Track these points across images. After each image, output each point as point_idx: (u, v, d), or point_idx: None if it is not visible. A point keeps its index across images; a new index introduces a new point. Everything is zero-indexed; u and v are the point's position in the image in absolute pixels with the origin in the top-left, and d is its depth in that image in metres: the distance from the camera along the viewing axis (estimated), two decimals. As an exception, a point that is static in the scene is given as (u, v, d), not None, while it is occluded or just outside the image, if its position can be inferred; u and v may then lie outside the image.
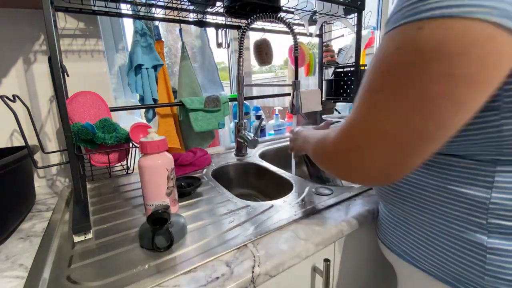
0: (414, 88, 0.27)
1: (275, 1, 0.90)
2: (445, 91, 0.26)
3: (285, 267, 0.44)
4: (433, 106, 0.27)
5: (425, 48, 0.26)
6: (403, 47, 0.28)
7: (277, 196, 0.65)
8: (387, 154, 0.31)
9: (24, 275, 0.42)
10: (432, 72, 0.26)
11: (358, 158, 0.33)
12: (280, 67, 3.44)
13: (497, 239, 0.33)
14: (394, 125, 0.29)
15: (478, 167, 0.34)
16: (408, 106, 0.28)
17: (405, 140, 0.30)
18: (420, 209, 0.40)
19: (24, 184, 0.60)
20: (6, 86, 0.71)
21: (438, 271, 0.40)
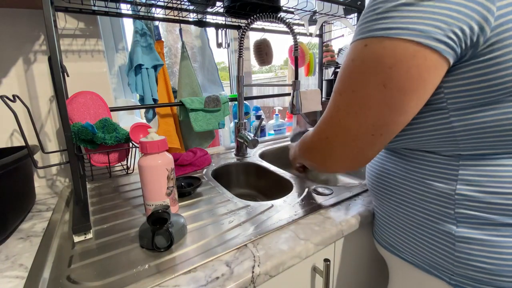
0: (361, 94, 0.35)
1: (275, 1, 0.90)
2: (382, 98, 0.34)
3: (285, 267, 0.44)
4: (375, 109, 0.35)
5: (367, 62, 0.34)
6: (355, 59, 0.36)
7: (277, 196, 0.65)
8: (349, 144, 0.39)
9: (24, 275, 0.42)
10: (372, 82, 0.34)
11: (328, 147, 0.42)
12: (280, 67, 3.44)
13: (465, 228, 0.37)
14: (350, 122, 0.37)
15: (445, 161, 0.39)
16: (358, 108, 0.36)
17: (359, 133, 0.37)
18: (402, 203, 0.44)
19: (24, 184, 0.60)
20: (6, 86, 0.71)
21: (418, 259, 0.44)
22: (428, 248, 0.42)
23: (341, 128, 0.39)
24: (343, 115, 0.38)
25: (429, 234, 0.41)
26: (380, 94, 0.34)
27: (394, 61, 0.32)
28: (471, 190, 0.36)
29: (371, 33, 0.33)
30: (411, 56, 0.31)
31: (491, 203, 0.35)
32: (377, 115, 0.35)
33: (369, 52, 0.34)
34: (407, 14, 0.31)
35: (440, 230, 0.40)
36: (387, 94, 0.34)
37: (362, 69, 0.35)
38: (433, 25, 0.30)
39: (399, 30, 0.31)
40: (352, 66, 0.36)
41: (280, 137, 1.23)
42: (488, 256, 0.36)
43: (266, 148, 1.06)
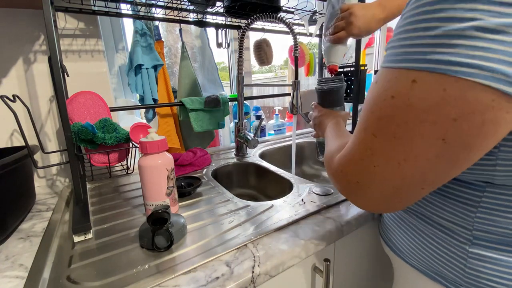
0: (408, 144, 0.27)
1: (275, 1, 0.90)
2: (439, 153, 0.26)
3: (285, 267, 0.44)
4: (427, 164, 0.27)
5: (418, 107, 0.25)
6: (397, 98, 0.26)
7: (277, 196, 0.65)
8: (385, 193, 0.32)
9: (24, 275, 0.42)
10: (425, 133, 0.26)
11: (358, 191, 0.34)
12: (280, 67, 3.44)
13: (480, 246, 0.35)
14: (389, 172, 0.29)
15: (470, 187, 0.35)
16: (402, 159, 0.28)
17: (403, 185, 0.30)
18: (416, 212, 0.43)
19: (24, 184, 0.60)
20: (6, 86, 0.71)
21: (425, 268, 0.42)
22: (438, 260, 0.40)
23: (377, 177, 0.31)
24: (379, 162, 0.30)
25: (442, 246, 0.39)
26: (436, 149, 0.26)
27: (461, 111, 0.23)
28: (493, 215, 0.34)
29: (424, 65, 0.24)
30: (487, 108, 0.23)
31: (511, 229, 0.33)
32: (429, 171, 0.27)
33: (421, 92, 0.25)
34: (483, 44, 0.22)
35: (454, 244, 0.37)
36: (448, 150, 0.25)
37: (410, 114, 0.26)
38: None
39: (470, 69, 0.22)
40: (393, 105, 0.27)
41: (280, 137, 1.23)
42: (501, 276, 0.34)
43: (266, 148, 1.06)
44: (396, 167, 0.28)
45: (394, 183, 0.30)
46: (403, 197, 0.31)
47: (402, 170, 0.28)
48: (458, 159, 0.26)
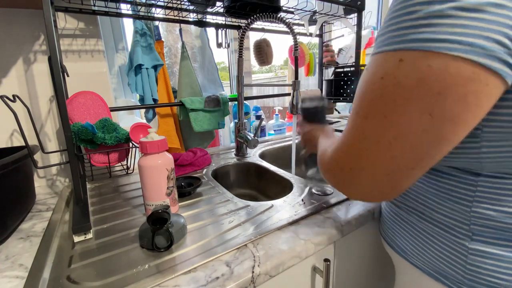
0: (397, 122, 0.28)
1: (275, 1, 0.90)
2: (427, 128, 0.27)
3: (285, 267, 0.44)
4: (417, 141, 0.28)
5: (405, 84, 0.26)
6: (385, 78, 0.28)
7: (277, 196, 0.65)
8: (379, 178, 0.32)
9: (24, 275, 0.42)
10: (414, 109, 0.27)
11: (352, 179, 0.34)
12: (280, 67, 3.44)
13: (480, 242, 0.35)
14: (381, 153, 0.30)
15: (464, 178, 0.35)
16: (392, 138, 0.29)
17: (393, 167, 0.30)
18: (416, 210, 0.43)
19: (24, 184, 0.60)
20: (6, 86, 0.71)
21: (427, 266, 0.42)
22: (439, 257, 0.40)
23: (369, 160, 0.31)
24: (370, 144, 0.31)
25: (442, 243, 0.39)
26: (423, 125, 0.27)
27: (444, 85, 0.25)
28: (487, 209, 0.34)
29: (409, 45, 0.26)
30: (468, 80, 0.24)
31: (506, 223, 0.33)
32: (417, 148, 0.28)
33: (407, 70, 0.26)
34: (462, 22, 0.23)
35: (453, 241, 0.38)
36: (434, 125, 0.27)
37: (397, 92, 0.27)
38: (497, 40, 0.23)
39: (451, 44, 0.24)
40: (382, 86, 0.28)
41: (280, 137, 1.23)
42: (501, 271, 0.34)
43: (266, 148, 1.06)
44: (387, 147, 0.29)
45: (385, 164, 0.30)
46: (395, 180, 0.32)
47: (393, 149, 0.29)
48: (445, 133, 0.27)
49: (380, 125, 0.29)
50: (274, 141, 1.17)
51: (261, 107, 1.41)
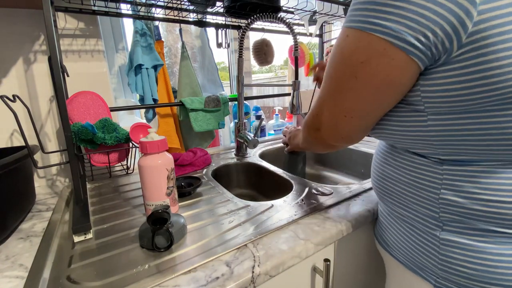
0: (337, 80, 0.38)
1: (275, 1, 0.90)
2: (352, 87, 0.36)
3: (285, 267, 0.44)
4: (347, 95, 0.38)
5: (345, 53, 0.36)
6: (337, 47, 0.37)
7: (277, 196, 0.65)
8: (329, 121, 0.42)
9: (24, 275, 0.42)
10: (347, 72, 0.36)
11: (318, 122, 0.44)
12: (280, 67, 3.45)
13: (449, 232, 0.37)
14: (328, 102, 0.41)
15: (430, 166, 0.38)
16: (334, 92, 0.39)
17: (335, 112, 0.41)
18: (396, 203, 0.45)
19: (24, 184, 0.60)
20: (6, 86, 0.71)
21: (407, 260, 0.44)
22: (415, 249, 0.42)
23: (324, 107, 0.42)
24: (325, 97, 0.41)
25: (418, 235, 0.41)
26: (351, 83, 0.36)
27: (365, 56, 0.33)
28: (454, 195, 0.36)
29: (353, 24, 0.34)
30: (380, 54, 0.32)
31: (472, 209, 0.35)
32: (348, 100, 0.38)
33: (347, 43, 0.35)
34: (385, 8, 0.31)
35: (427, 232, 0.40)
36: (358, 85, 0.36)
37: (340, 59, 0.37)
38: (405, 24, 0.30)
39: (374, 26, 0.32)
40: (335, 54, 0.38)
41: (280, 137, 1.23)
42: (470, 261, 0.35)
43: (266, 148, 1.06)
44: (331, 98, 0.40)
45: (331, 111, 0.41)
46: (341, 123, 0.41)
47: (334, 99, 0.40)
48: (365, 92, 0.36)
49: (330, 82, 0.40)
50: (274, 141, 1.17)
51: (261, 107, 1.41)
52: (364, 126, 0.41)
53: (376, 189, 0.51)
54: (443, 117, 0.34)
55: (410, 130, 0.38)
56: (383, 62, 0.32)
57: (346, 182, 1.01)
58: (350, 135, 0.43)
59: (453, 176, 0.36)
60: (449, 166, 0.36)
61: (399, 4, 0.30)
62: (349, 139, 0.44)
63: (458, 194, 0.36)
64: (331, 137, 0.44)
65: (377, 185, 0.50)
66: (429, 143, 0.36)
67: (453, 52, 0.30)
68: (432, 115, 0.35)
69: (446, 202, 0.37)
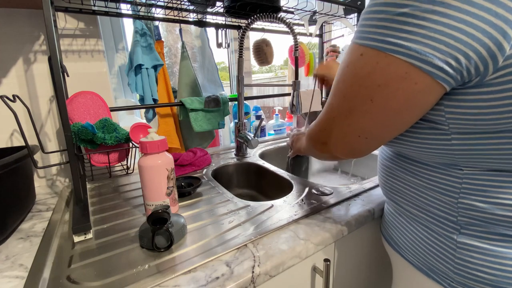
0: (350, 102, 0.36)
1: (275, 1, 0.90)
2: (368, 110, 0.34)
3: (285, 267, 0.44)
4: (361, 117, 0.36)
5: (359, 73, 0.33)
6: (349, 66, 0.35)
7: (277, 196, 0.65)
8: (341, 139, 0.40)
9: (24, 275, 0.42)
10: (361, 94, 0.34)
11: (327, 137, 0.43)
12: (280, 67, 3.45)
13: (467, 236, 0.37)
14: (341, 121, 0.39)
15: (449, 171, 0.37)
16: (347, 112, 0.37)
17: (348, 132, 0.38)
18: (409, 204, 0.44)
19: (24, 184, 0.60)
20: (6, 86, 0.71)
21: (419, 261, 0.43)
22: (429, 252, 0.41)
23: (335, 125, 0.40)
24: (336, 114, 0.39)
25: (432, 237, 0.40)
26: (366, 106, 0.34)
27: (383, 80, 0.31)
28: (474, 200, 0.35)
29: (368, 42, 0.31)
30: (401, 78, 0.30)
31: (494, 214, 0.34)
32: (362, 123, 0.36)
33: (362, 63, 0.33)
34: (407, 28, 0.28)
35: (443, 234, 0.39)
36: (373, 109, 0.34)
37: (353, 79, 0.34)
38: (432, 46, 0.27)
39: (395, 47, 0.29)
40: (347, 72, 0.35)
41: (280, 137, 1.23)
42: (488, 266, 0.35)
43: (266, 148, 1.06)
44: (344, 118, 0.38)
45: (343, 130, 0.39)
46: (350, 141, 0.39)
47: (347, 119, 0.37)
48: (381, 117, 0.34)
49: (341, 102, 0.37)
50: (274, 141, 1.17)
51: (261, 107, 1.41)
52: (378, 145, 0.40)
53: (384, 188, 0.50)
54: (470, 136, 0.33)
55: (430, 147, 0.37)
56: (404, 86, 0.30)
57: (346, 182, 1.01)
58: (362, 151, 0.41)
59: (473, 181, 0.35)
60: (470, 171, 0.35)
61: (424, 24, 0.27)
62: (360, 154, 0.42)
63: (477, 198, 0.35)
64: (340, 151, 0.42)
65: (386, 185, 0.49)
66: (451, 157, 0.35)
67: (488, 75, 0.28)
68: (457, 134, 0.33)
69: (465, 206, 0.36)
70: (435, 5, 0.26)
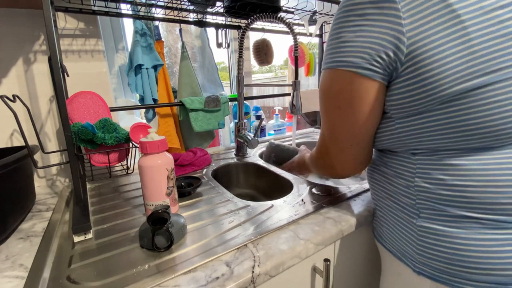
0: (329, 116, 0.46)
1: (275, 1, 0.90)
2: (341, 116, 0.44)
3: (285, 267, 0.44)
4: (341, 125, 0.45)
5: (325, 89, 0.45)
6: (321, 87, 0.46)
7: (277, 196, 0.65)
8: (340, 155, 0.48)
9: (24, 275, 0.42)
10: (331, 105, 0.44)
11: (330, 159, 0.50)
12: (280, 67, 3.46)
13: (425, 219, 0.41)
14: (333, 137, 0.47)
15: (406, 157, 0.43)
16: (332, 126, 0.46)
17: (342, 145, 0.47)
18: (383, 196, 0.49)
19: (24, 184, 0.60)
20: (6, 86, 0.71)
21: (393, 247, 0.48)
22: (399, 237, 0.46)
23: (331, 144, 0.48)
24: (327, 134, 0.48)
25: (401, 224, 0.45)
26: (339, 114, 0.44)
27: (340, 88, 0.42)
28: (426, 182, 0.40)
29: (326, 65, 0.43)
30: (350, 83, 0.40)
31: (442, 194, 0.39)
32: (345, 130, 0.45)
33: (325, 81, 0.44)
34: (344, 49, 0.40)
35: (408, 220, 0.44)
36: (343, 114, 0.43)
37: (324, 96, 0.45)
38: (360, 56, 0.38)
39: (340, 63, 0.41)
40: (320, 92, 0.46)
41: (280, 137, 1.23)
42: (442, 245, 0.39)
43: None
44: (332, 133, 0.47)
45: (339, 145, 0.47)
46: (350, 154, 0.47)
47: (335, 133, 0.46)
48: (352, 117, 0.43)
49: (326, 120, 0.47)
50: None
51: (261, 107, 1.41)
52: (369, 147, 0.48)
53: (369, 184, 0.55)
54: (406, 120, 0.40)
55: (385, 134, 0.45)
56: (354, 88, 0.40)
57: (346, 182, 1.01)
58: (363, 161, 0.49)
59: (424, 165, 0.41)
60: (421, 157, 0.41)
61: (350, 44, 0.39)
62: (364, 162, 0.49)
63: (427, 181, 0.40)
64: (347, 170, 0.49)
65: (369, 180, 0.54)
66: (400, 141, 0.43)
67: (399, 69, 0.38)
68: (398, 119, 0.41)
69: (419, 189, 0.41)
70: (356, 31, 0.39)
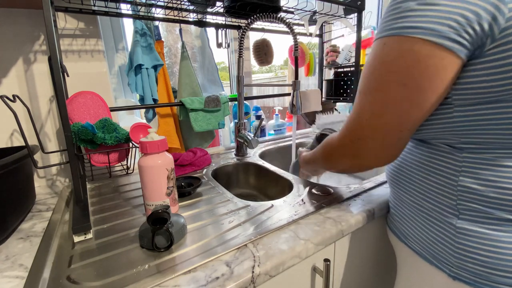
0: (383, 94, 0.37)
1: (275, 1, 0.90)
2: (403, 96, 0.35)
3: (285, 267, 0.44)
4: (399, 107, 0.36)
5: (387, 61, 0.36)
6: (375, 59, 0.37)
7: (277, 196, 0.65)
8: (379, 142, 0.39)
9: (24, 275, 0.42)
10: (393, 81, 0.35)
11: (361, 147, 0.41)
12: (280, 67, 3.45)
13: (466, 221, 0.38)
14: (376, 121, 0.38)
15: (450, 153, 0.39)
16: (382, 107, 0.37)
17: (386, 131, 0.38)
18: (413, 191, 0.45)
19: (24, 184, 0.60)
20: (6, 86, 0.71)
21: (422, 249, 0.45)
22: (432, 238, 0.42)
23: (370, 128, 0.39)
24: (369, 115, 0.39)
25: (434, 224, 0.42)
26: (401, 93, 0.35)
27: (411, 61, 0.33)
28: (472, 183, 0.36)
29: (389, 32, 0.35)
30: (428, 56, 0.32)
31: (491, 197, 0.35)
32: (400, 113, 0.36)
33: (387, 51, 0.35)
34: (424, 13, 0.32)
35: (444, 220, 0.40)
36: (408, 93, 0.35)
37: (382, 69, 0.36)
38: (447, 24, 0.31)
39: (415, 30, 0.32)
40: (373, 65, 0.37)
41: (280, 137, 1.23)
42: (485, 249, 0.36)
43: (266, 148, 1.06)
44: (379, 116, 0.38)
45: (381, 130, 0.38)
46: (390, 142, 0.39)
47: (384, 116, 0.37)
48: (418, 99, 0.35)
49: (373, 98, 0.38)
50: (274, 141, 1.17)
51: (261, 107, 1.41)
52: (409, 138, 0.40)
53: (392, 178, 0.51)
54: (470, 108, 0.35)
55: (433, 121, 0.39)
56: (432, 63, 0.32)
57: (346, 182, 1.01)
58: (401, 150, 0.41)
59: (472, 163, 0.37)
60: (469, 154, 0.37)
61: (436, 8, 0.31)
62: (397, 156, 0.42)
63: (476, 181, 0.36)
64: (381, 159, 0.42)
65: (394, 175, 0.50)
66: (452, 132, 0.37)
67: (486, 46, 0.32)
68: (459, 107, 0.36)
69: (464, 189, 0.37)
70: None
